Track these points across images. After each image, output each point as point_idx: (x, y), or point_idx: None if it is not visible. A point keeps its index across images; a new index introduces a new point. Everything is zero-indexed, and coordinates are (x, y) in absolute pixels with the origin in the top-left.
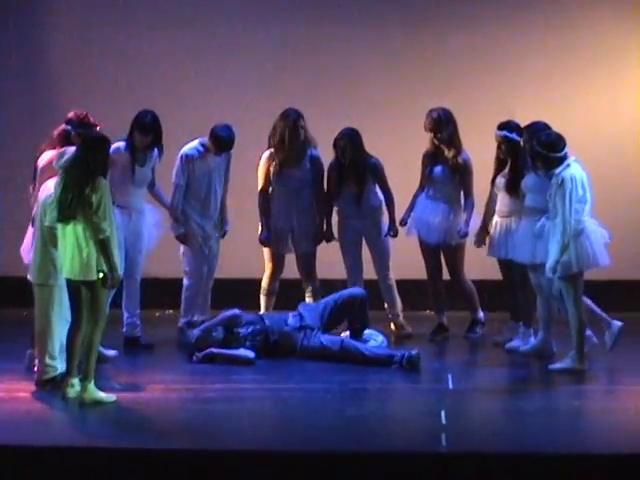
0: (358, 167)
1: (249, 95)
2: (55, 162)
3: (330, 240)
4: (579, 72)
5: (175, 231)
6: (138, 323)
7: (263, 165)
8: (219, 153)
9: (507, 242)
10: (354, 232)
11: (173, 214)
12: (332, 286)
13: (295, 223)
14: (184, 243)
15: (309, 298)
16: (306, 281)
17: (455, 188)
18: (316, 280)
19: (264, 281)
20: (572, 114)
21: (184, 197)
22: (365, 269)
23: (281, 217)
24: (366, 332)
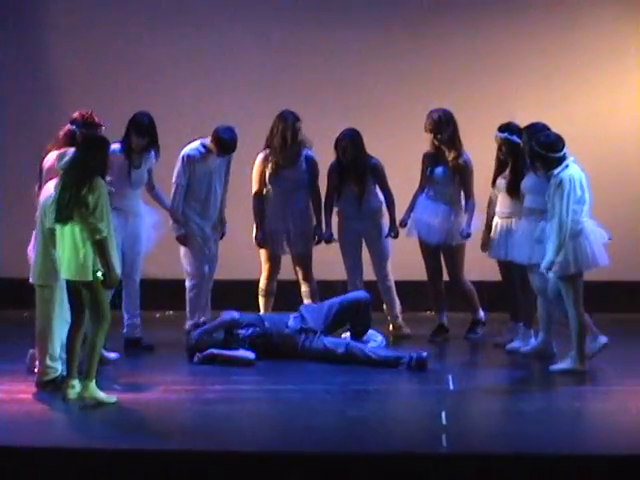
0: (359, 167)
1: (249, 97)
2: (56, 163)
3: (330, 241)
4: (579, 73)
5: (176, 232)
6: (138, 324)
7: (258, 167)
8: (221, 155)
9: (507, 243)
10: (354, 233)
11: (173, 215)
12: (331, 287)
13: (291, 224)
14: (184, 244)
15: (307, 299)
16: (303, 282)
17: (455, 189)
18: (313, 281)
19: (262, 282)
20: (572, 115)
21: (184, 198)
22: (365, 270)
23: (277, 218)
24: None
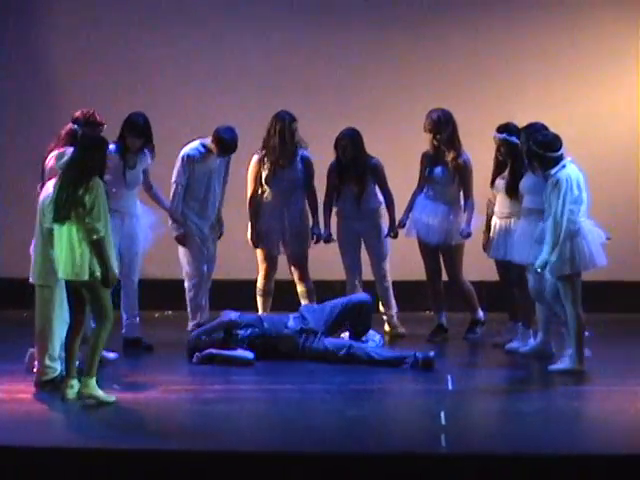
0: (358, 167)
1: (248, 98)
2: (55, 163)
3: (328, 241)
4: (579, 74)
5: (174, 232)
6: (137, 324)
7: (253, 168)
8: (222, 155)
9: (506, 243)
10: (353, 233)
11: (172, 215)
12: (330, 287)
13: (287, 224)
14: (182, 244)
15: (304, 300)
16: (299, 282)
17: (455, 189)
18: (309, 281)
19: (259, 282)
20: (572, 116)
21: (183, 198)
22: (364, 270)
23: (273, 218)
24: None
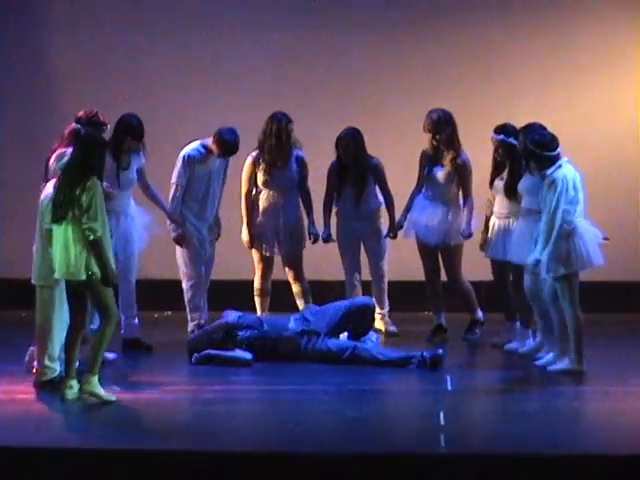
0: (359, 167)
1: (248, 100)
2: (55, 163)
3: (328, 241)
4: (579, 74)
5: (173, 232)
6: (136, 324)
7: (247, 168)
8: (223, 156)
9: (505, 243)
10: (352, 233)
11: (171, 216)
12: (330, 287)
13: (282, 225)
14: (180, 245)
15: (299, 300)
16: (294, 283)
17: (454, 189)
18: (304, 281)
19: (256, 282)
20: (572, 116)
21: (182, 198)
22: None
23: (267, 219)
24: None
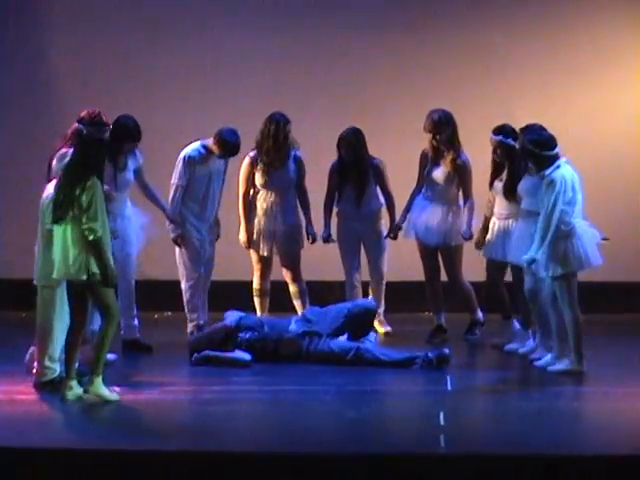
0: (360, 167)
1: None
2: (57, 163)
3: (327, 241)
4: (578, 75)
5: (172, 232)
6: (135, 325)
7: (245, 169)
8: (224, 156)
9: (504, 244)
10: (353, 234)
11: (170, 216)
12: (330, 287)
13: (280, 225)
14: (179, 245)
15: (296, 300)
16: (292, 283)
17: (454, 189)
18: (302, 281)
19: (255, 282)
20: (572, 116)
21: (182, 199)
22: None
23: (266, 219)
24: None
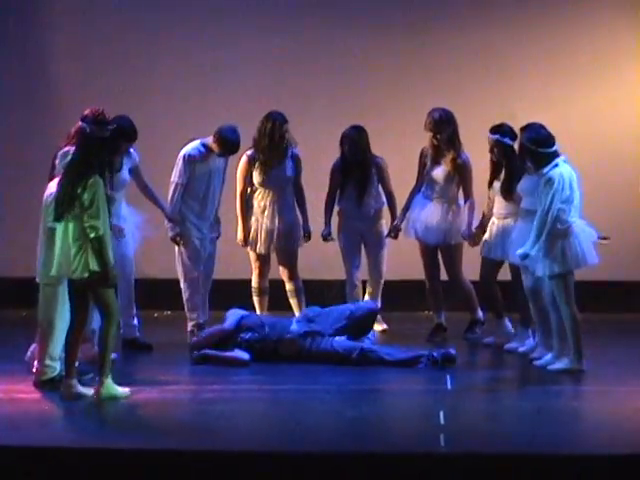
0: (363, 165)
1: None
2: (59, 161)
3: (327, 239)
4: (579, 74)
5: (170, 231)
6: (135, 324)
7: (243, 167)
8: (224, 155)
9: (504, 243)
10: (354, 233)
11: (169, 215)
12: (330, 287)
13: (277, 223)
14: (177, 244)
15: (292, 299)
16: (288, 281)
17: (454, 188)
18: (298, 280)
19: (254, 281)
20: (572, 115)
21: (182, 197)
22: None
23: (264, 217)
24: None
